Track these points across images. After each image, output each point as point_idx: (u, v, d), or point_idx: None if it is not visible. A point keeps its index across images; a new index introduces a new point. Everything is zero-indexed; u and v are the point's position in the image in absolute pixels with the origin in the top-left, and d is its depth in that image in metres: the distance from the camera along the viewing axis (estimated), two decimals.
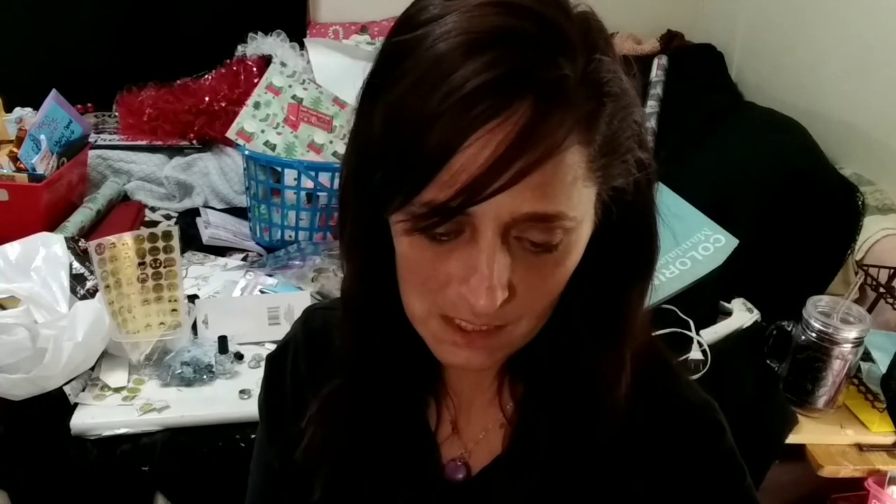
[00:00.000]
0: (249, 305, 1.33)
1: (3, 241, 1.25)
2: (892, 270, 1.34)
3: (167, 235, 1.20)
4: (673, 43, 2.17)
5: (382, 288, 0.53)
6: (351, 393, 0.60)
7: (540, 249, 0.46)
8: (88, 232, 1.58)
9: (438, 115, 0.41)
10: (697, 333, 1.25)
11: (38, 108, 1.67)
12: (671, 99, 1.93)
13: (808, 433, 1.17)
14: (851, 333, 1.13)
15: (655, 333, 0.63)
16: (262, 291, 1.42)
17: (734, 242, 1.34)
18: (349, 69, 1.86)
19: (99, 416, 1.09)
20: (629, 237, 0.51)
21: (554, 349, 0.55)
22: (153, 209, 1.83)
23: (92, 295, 1.24)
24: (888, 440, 1.18)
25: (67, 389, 1.10)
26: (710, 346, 1.24)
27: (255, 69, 1.92)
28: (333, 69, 1.92)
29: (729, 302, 1.36)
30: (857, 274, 1.38)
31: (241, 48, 2.00)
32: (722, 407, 0.60)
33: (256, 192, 1.62)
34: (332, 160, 1.71)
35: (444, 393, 0.62)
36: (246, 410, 1.11)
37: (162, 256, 1.20)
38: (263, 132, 1.69)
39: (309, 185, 1.56)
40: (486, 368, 0.53)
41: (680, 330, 1.25)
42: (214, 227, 1.69)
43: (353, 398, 0.60)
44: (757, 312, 1.32)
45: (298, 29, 2.10)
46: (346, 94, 1.81)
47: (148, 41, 2.04)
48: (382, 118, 0.45)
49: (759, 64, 2.03)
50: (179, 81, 1.96)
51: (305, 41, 2.02)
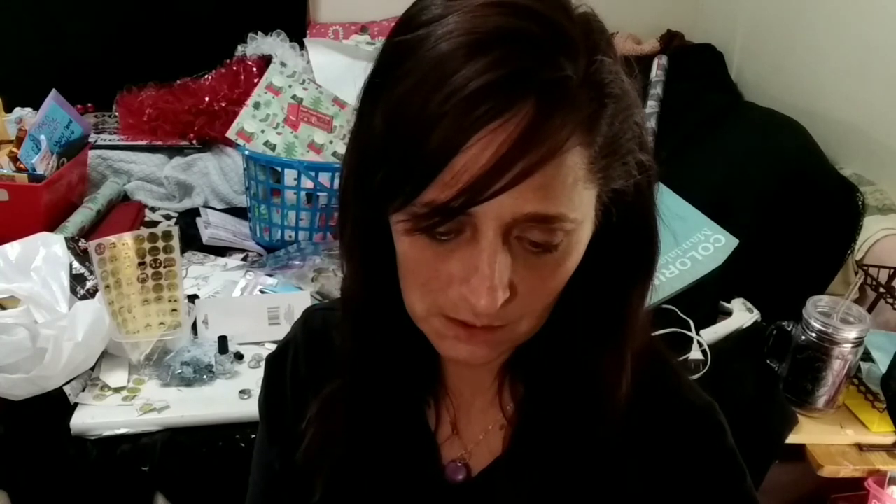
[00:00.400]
0: (249, 305, 1.33)
1: (3, 241, 1.25)
2: (892, 270, 1.34)
3: (167, 235, 1.20)
4: (673, 43, 2.16)
5: (382, 288, 0.53)
6: (351, 393, 0.60)
7: (540, 250, 0.46)
8: (88, 232, 1.58)
9: (440, 115, 0.41)
10: (697, 333, 1.25)
11: (38, 108, 1.67)
12: (671, 99, 1.93)
13: (808, 433, 1.17)
14: (851, 333, 1.13)
15: (655, 333, 0.63)
16: (262, 291, 1.42)
17: (734, 242, 1.34)
18: (349, 69, 1.85)
19: (99, 416, 1.09)
20: (630, 238, 0.51)
21: (554, 350, 0.55)
22: (153, 209, 1.83)
23: (92, 295, 1.24)
24: (888, 440, 1.18)
25: (67, 389, 1.10)
26: (710, 346, 1.24)
27: (255, 69, 1.92)
28: (333, 69, 1.92)
29: (729, 302, 1.36)
30: (857, 274, 1.38)
31: (241, 48, 2.00)
32: (722, 407, 0.60)
33: (256, 192, 1.62)
34: (332, 160, 1.71)
35: (444, 394, 0.62)
36: (246, 410, 1.11)
37: (162, 256, 1.20)
38: (263, 132, 1.69)
39: (309, 185, 1.56)
40: (489, 362, 0.53)
41: (680, 330, 1.25)
42: (214, 227, 1.69)
43: (353, 399, 0.60)
44: (757, 312, 1.32)
45: (298, 29, 2.10)
46: (346, 94, 1.81)
47: (148, 41, 2.04)
48: (384, 118, 0.45)
49: (759, 64, 2.02)
50: (179, 81, 1.96)
51: (305, 41, 2.03)
